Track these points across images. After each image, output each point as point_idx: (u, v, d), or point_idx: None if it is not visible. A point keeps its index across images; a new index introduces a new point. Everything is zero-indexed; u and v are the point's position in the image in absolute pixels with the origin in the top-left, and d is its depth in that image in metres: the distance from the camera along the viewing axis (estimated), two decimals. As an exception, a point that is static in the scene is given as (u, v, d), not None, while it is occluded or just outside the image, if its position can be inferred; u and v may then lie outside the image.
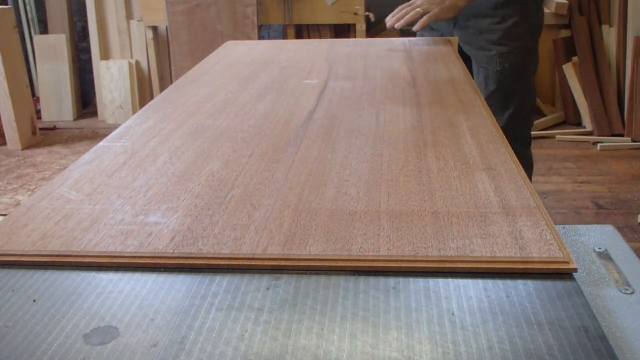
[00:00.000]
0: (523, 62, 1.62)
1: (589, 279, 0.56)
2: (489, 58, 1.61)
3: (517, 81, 1.63)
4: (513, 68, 1.60)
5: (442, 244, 0.57)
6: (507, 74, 1.60)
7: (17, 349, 0.45)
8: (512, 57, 1.59)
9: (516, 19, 1.57)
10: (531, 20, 1.61)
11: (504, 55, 1.59)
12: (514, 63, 1.60)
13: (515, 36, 1.58)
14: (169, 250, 0.58)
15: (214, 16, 3.65)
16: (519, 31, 1.58)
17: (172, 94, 1.13)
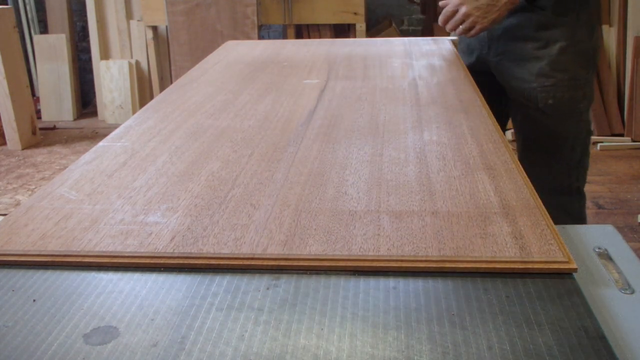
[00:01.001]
0: (572, 98, 1.29)
1: (589, 279, 0.56)
2: (529, 92, 1.30)
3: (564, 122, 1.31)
4: (559, 105, 1.28)
5: (442, 244, 0.57)
6: (552, 112, 1.29)
7: (17, 349, 0.45)
8: (557, 92, 1.28)
9: (563, 44, 1.26)
10: (583, 46, 1.28)
11: (547, 90, 1.28)
12: (560, 99, 1.28)
13: (562, 65, 1.27)
14: (169, 250, 0.58)
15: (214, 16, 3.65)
16: (566, 59, 1.27)
17: (172, 94, 1.13)
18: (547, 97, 1.28)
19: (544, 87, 1.28)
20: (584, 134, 1.34)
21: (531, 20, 1.28)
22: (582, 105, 1.31)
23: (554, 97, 1.28)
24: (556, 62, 1.27)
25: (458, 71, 1.25)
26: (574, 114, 1.30)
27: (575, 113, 1.30)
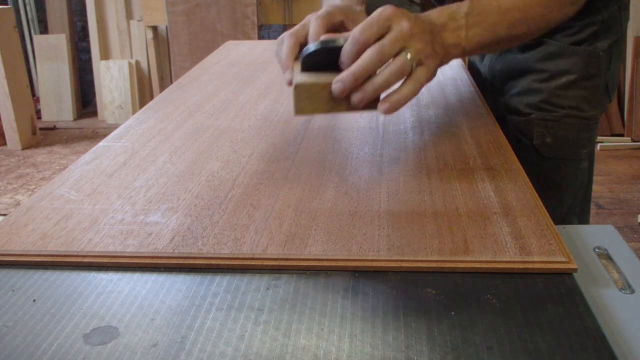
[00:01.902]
0: (575, 140, 1.03)
1: (589, 279, 0.56)
2: (524, 125, 1.04)
3: (559, 168, 1.05)
4: (558, 147, 1.03)
5: (442, 244, 0.57)
6: (547, 154, 1.03)
7: (17, 349, 0.45)
8: (560, 130, 1.02)
9: (571, 78, 1.00)
10: (596, 81, 1.01)
11: (547, 125, 1.02)
12: (561, 139, 1.02)
13: (568, 101, 1.01)
14: (169, 250, 0.58)
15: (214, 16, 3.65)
16: (574, 94, 1.01)
17: (172, 94, 1.13)
18: (545, 134, 1.02)
19: (544, 121, 1.02)
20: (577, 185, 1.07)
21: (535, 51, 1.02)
22: (585, 151, 1.05)
23: (555, 135, 1.02)
24: (561, 96, 1.01)
25: (458, 71, 1.25)
26: (573, 160, 1.05)
27: (575, 160, 1.05)
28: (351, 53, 0.65)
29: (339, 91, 0.65)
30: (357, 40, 0.65)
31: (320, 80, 0.66)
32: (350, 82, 0.64)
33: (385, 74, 0.65)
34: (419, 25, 0.67)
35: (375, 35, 0.65)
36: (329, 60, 0.68)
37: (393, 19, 0.65)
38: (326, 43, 0.67)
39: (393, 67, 0.65)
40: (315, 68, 0.69)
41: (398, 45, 0.65)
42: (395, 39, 0.65)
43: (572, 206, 1.08)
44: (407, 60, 0.65)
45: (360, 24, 0.65)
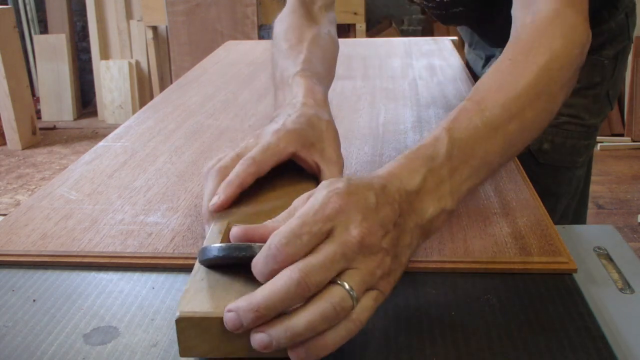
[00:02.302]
0: (573, 148, 0.99)
1: (589, 279, 0.56)
2: None
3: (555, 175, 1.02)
4: (555, 154, 0.99)
5: (442, 244, 0.57)
6: (544, 160, 0.99)
7: (17, 349, 0.45)
8: (558, 136, 0.98)
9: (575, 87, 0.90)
10: (598, 89, 0.99)
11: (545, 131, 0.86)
12: (559, 145, 0.99)
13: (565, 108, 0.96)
14: (169, 250, 0.58)
15: (214, 16, 3.65)
16: (573, 103, 0.98)
17: (172, 94, 1.13)
18: (543, 140, 0.98)
19: None
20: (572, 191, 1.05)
21: None
22: (581, 159, 1.02)
23: (552, 141, 0.98)
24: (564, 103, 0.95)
25: (458, 71, 1.25)
26: (570, 168, 1.01)
27: (571, 168, 1.02)
28: (264, 272, 0.41)
29: (233, 327, 0.40)
30: (273, 259, 0.40)
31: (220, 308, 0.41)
32: (250, 320, 0.39)
33: (312, 318, 0.39)
34: (376, 223, 0.42)
35: (303, 251, 0.41)
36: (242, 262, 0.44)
37: (338, 219, 0.42)
38: (232, 250, 0.44)
39: (327, 307, 0.39)
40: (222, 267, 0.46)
41: (337, 268, 0.40)
42: (334, 257, 0.40)
43: (566, 212, 1.06)
44: (349, 297, 0.40)
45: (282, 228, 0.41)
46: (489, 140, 0.52)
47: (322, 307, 0.39)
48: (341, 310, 0.39)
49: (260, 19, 3.68)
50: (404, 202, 0.45)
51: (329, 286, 0.40)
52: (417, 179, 0.47)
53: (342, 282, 0.40)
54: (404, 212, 0.45)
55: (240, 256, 0.43)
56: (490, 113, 0.53)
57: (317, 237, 0.41)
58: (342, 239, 0.41)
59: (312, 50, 0.75)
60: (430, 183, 0.48)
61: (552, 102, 0.59)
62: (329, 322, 0.39)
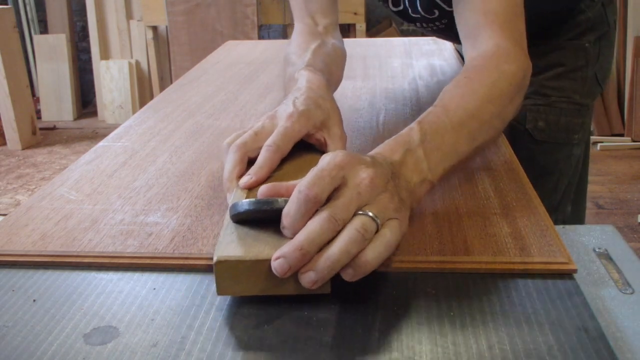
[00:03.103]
0: (568, 126, 1.05)
1: (589, 279, 0.56)
2: None
3: (553, 153, 1.07)
4: (551, 131, 1.05)
5: (442, 244, 0.57)
6: (541, 138, 1.05)
7: (17, 349, 0.45)
8: (551, 114, 1.04)
9: (560, 70, 1.04)
10: (585, 72, 1.05)
11: (539, 109, 1.04)
12: (554, 123, 1.05)
13: (556, 88, 1.05)
14: (169, 250, 0.58)
15: (214, 16, 3.65)
16: (563, 84, 1.05)
17: (172, 94, 1.13)
18: (537, 118, 1.04)
19: (536, 106, 1.04)
20: (571, 172, 1.09)
21: None
22: (577, 137, 1.07)
23: (547, 120, 1.04)
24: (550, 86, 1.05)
25: (458, 71, 1.25)
26: (566, 145, 1.07)
27: (568, 145, 1.07)
28: (296, 217, 0.48)
29: (281, 271, 0.46)
30: (305, 200, 0.47)
31: (252, 252, 0.48)
32: (296, 259, 0.46)
33: (343, 245, 0.47)
34: (379, 172, 0.51)
35: (327, 190, 0.48)
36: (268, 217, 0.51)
37: (348, 168, 0.50)
38: (261, 204, 0.50)
39: (353, 232, 0.47)
40: (251, 222, 0.52)
41: (355, 205, 0.49)
42: (352, 197, 0.49)
43: (567, 192, 1.10)
44: (370, 221, 0.48)
45: (306, 177, 0.49)
46: (455, 133, 0.63)
47: (349, 233, 0.47)
48: (365, 232, 0.47)
49: (260, 19, 3.68)
50: (392, 169, 0.55)
51: (352, 218, 0.48)
52: (397, 156, 0.58)
53: (363, 212, 0.49)
54: (394, 175, 0.54)
55: (268, 209, 0.50)
56: (454, 113, 0.64)
57: (335, 181, 0.49)
58: (355, 182, 0.50)
59: (316, 54, 0.83)
60: (409, 160, 0.58)
61: (502, 109, 0.70)
62: (359, 245, 0.47)
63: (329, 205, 0.48)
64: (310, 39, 0.89)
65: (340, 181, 0.49)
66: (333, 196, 0.49)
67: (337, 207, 0.48)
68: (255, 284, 0.48)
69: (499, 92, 0.69)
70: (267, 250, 0.48)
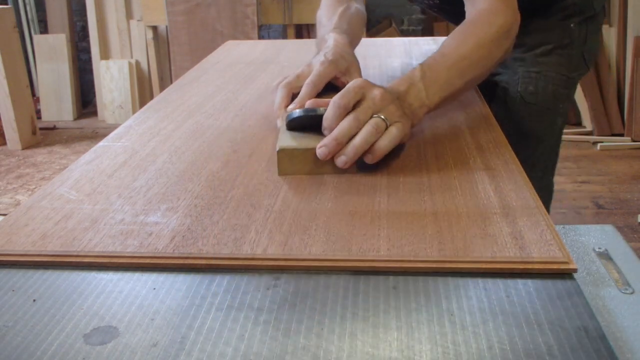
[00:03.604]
0: (554, 93, 1.18)
1: (589, 279, 0.56)
2: (510, 76, 1.20)
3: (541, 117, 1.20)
4: (540, 95, 1.17)
5: (442, 244, 0.57)
6: (531, 101, 1.18)
7: (17, 349, 0.45)
8: (541, 81, 1.17)
9: (549, 47, 1.17)
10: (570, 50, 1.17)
11: (531, 76, 1.17)
12: (543, 89, 1.17)
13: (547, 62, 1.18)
14: (169, 250, 0.58)
15: (214, 16, 3.65)
16: (551, 60, 1.17)
17: (172, 94, 1.13)
18: (529, 83, 1.18)
19: (529, 73, 1.18)
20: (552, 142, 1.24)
21: None
22: (562, 106, 1.21)
23: (536, 85, 1.17)
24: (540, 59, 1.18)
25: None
26: (551, 112, 1.20)
27: (552, 112, 1.20)
28: (333, 118, 0.72)
29: (323, 155, 0.71)
30: (338, 107, 0.72)
31: (302, 144, 0.73)
32: (333, 147, 0.71)
33: (363, 136, 0.71)
34: (387, 92, 0.75)
35: (352, 101, 0.72)
36: (311, 124, 0.75)
37: (366, 88, 0.74)
38: (308, 111, 0.75)
39: (370, 128, 0.71)
40: (299, 129, 0.76)
41: (371, 111, 0.72)
42: (369, 106, 0.73)
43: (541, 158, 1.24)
44: (381, 121, 0.72)
45: (338, 93, 0.73)
46: (449, 71, 0.83)
47: (367, 129, 0.71)
48: (378, 127, 0.71)
49: (260, 19, 3.68)
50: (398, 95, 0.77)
51: (369, 119, 0.72)
52: (403, 87, 0.79)
53: (377, 115, 0.72)
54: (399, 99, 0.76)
55: (313, 114, 0.74)
56: (449, 57, 0.84)
57: (357, 95, 0.73)
58: (371, 97, 0.73)
59: (341, 18, 1.06)
60: (412, 91, 0.79)
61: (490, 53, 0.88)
62: (374, 137, 0.71)
63: (354, 111, 0.72)
64: (338, 4, 1.12)
65: (360, 96, 0.73)
66: (356, 106, 0.72)
67: (359, 112, 0.72)
68: (304, 167, 0.72)
69: (488, 38, 0.88)
70: (313, 143, 0.72)
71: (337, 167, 0.71)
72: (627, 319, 0.50)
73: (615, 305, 0.52)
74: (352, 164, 0.72)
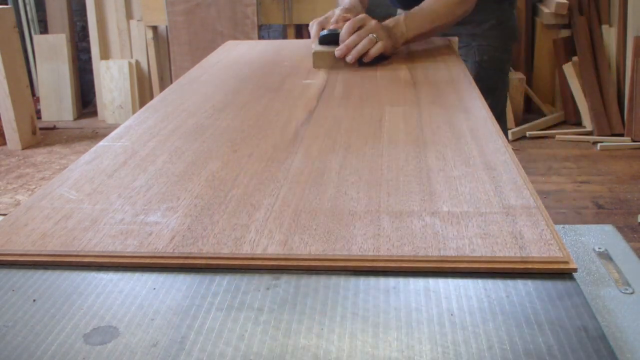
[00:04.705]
0: (501, 59, 1.70)
1: (589, 279, 0.56)
2: (468, 50, 1.67)
3: (494, 76, 1.69)
4: (491, 61, 1.67)
5: (442, 244, 0.57)
6: (486, 66, 1.67)
7: (17, 349, 0.45)
8: (490, 51, 1.66)
9: (493, 22, 1.65)
10: (507, 24, 1.68)
11: (482, 48, 1.66)
12: (492, 57, 1.67)
13: (492, 35, 1.66)
14: (169, 250, 0.58)
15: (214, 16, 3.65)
16: (495, 33, 1.66)
17: (172, 94, 1.13)
18: (483, 54, 1.67)
19: (481, 46, 1.67)
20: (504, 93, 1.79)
21: None
22: (507, 66, 1.78)
23: (488, 54, 1.67)
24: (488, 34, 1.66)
25: (458, 71, 1.25)
26: (502, 71, 1.74)
27: (502, 71, 1.74)
28: (345, 34, 1.31)
29: (339, 55, 1.30)
30: (348, 28, 1.31)
31: (328, 49, 1.31)
32: (345, 50, 1.29)
33: (362, 45, 1.29)
34: (379, 24, 1.33)
35: (357, 25, 1.31)
36: (334, 39, 1.33)
37: (366, 19, 1.33)
38: (331, 31, 1.36)
39: (365, 42, 1.29)
40: (326, 43, 1.34)
41: (368, 32, 1.30)
42: (367, 29, 1.31)
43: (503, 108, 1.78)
44: (374, 38, 1.30)
45: (349, 21, 1.32)
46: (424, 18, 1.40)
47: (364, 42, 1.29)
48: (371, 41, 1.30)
49: (260, 19, 3.68)
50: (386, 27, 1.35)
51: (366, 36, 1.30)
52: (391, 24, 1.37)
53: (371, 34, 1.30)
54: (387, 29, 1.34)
55: (333, 33, 1.34)
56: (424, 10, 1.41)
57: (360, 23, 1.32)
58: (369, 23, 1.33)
59: None
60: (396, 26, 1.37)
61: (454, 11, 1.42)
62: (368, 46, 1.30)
63: (357, 32, 1.30)
64: None
65: (362, 23, 1.32)
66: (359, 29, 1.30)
67: (361, 32, 1.30)
68: (328, 63, 1.31)
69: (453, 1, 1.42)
70: (333, 49, 1.30)
71: (347, 63, 1.28)
72: (627, 319, 0.50)
73: (615, 305, 0.52)
74: (355, 62, 1.29)
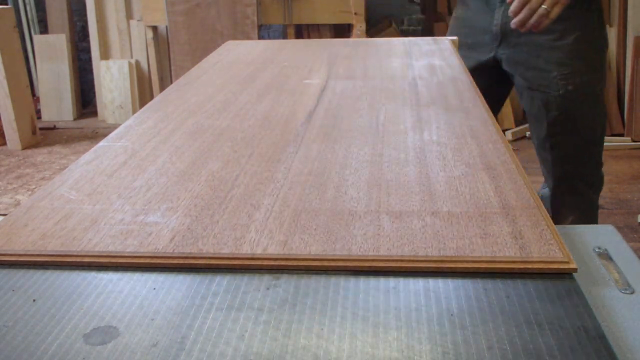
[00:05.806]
0: (589, 82, 1.42)
1: (589, 279, 0.56)
2: (548, 81, 1.42)
3: (583, 103, 1.44)
4: (578, 90, 1.41)
5: (442, 244, 0.57)
6: (572, 97, 1.41)
7: (17, 348, 0.45)
8: (576, 78, 1.40)
9: (578, 34, 1.39)
10: (595, 35, 1.43)
11: (566, 77, 1.41)
12: (578, 84, 1.40)
13: (578, 53, 1.40)
14: (169, 250, 0.58)
15: (214, 16, 3.65)
16: (581, 48, 1.40)
17: (172, 94, 1.13)
18: (567, 84, 1.40)
19: (564, 75, 1.40)
20: (602, 115, 1.49)
21: None
22: (598, 88, 1.44)
23: (574, 83, 1.40)
24: (573, 50, 1.39)
25: (458, 71, 1.25)
26: (591, 96, 1.43)
27: (592, 96, 1.43)
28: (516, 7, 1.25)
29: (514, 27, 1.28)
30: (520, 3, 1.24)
31: None
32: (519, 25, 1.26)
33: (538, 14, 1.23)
34: None
35: None
36: None
37: None
38: None
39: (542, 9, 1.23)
40: None
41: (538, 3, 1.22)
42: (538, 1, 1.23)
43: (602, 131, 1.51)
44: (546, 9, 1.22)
45: None
46: None
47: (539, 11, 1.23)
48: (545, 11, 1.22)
49: (260, 19, 3.68)
50: None
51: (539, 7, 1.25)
52: None
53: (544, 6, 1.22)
54: None
55: None
56: None
57: None
58: None
59: None
60: None
61: None
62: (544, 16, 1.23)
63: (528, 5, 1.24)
64: None
65: None
66: None
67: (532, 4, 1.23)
68: None
69: None
70: None
71: None
72: (627, 319, 0.50)
73: (615, 305, 0.52)
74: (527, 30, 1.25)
